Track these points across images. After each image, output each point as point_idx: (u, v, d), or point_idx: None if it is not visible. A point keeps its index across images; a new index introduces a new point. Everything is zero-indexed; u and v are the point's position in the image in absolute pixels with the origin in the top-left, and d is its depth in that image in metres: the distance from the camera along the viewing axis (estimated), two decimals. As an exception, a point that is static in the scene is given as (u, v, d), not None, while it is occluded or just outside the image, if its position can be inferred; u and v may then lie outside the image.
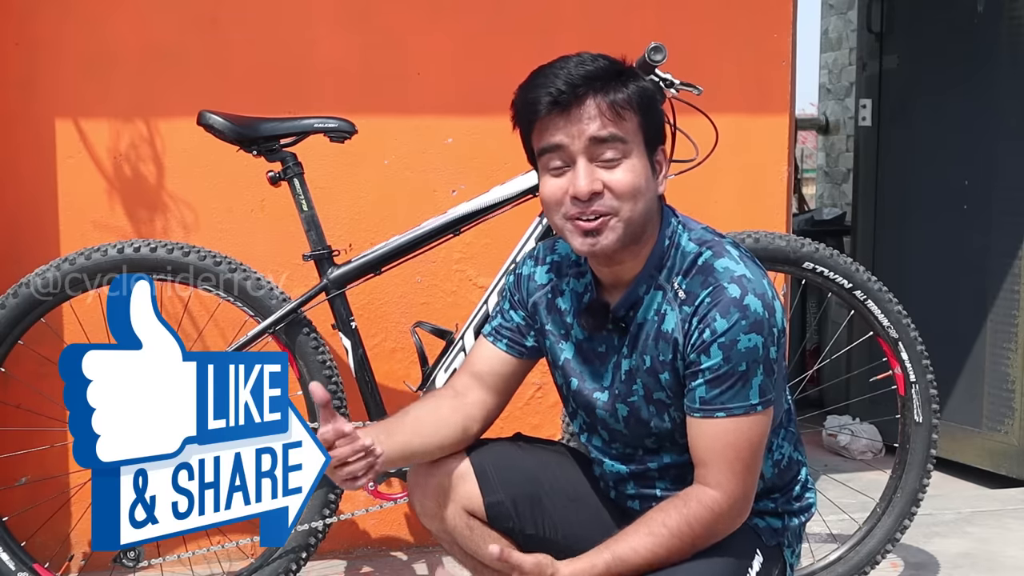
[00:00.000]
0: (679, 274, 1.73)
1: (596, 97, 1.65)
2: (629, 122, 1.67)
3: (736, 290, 1.66)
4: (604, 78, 1.66)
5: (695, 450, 1.71)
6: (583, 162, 1.66)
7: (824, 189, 5.68)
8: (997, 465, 3.77)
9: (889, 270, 4.01)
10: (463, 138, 2.97)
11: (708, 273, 1.70)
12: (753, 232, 2.56)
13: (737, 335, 1.65)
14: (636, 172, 1.67)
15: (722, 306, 1.66)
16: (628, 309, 1.76)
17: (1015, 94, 3.70)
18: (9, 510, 2.56)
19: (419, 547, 3.03)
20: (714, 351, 1.66)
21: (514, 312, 1.91)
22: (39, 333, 2.51)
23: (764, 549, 1.81)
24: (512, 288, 1.93)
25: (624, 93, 1.67)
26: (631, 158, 1.67)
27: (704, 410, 1.68)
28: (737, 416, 1.67)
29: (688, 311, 1.69)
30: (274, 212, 2.86)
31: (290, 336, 2.45)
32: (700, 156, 2.33)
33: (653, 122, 1.72)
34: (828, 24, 5.53)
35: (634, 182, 1.66)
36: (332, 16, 2.92)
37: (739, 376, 1.66)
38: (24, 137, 2.79)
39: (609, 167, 1.66)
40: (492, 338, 1.92)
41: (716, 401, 1.67)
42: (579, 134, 1.65)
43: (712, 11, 3.11)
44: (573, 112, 1.65)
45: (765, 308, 1.67)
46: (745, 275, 1.69)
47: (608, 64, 1.69)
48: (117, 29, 2.81)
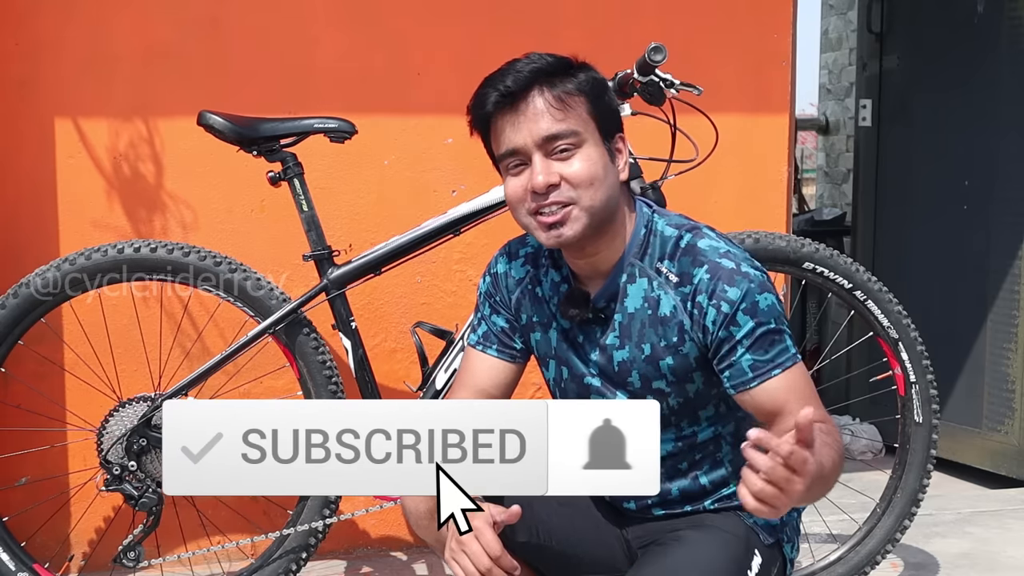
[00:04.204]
0: (664, 258, 1.73)
1: (543, 90, 1.67)
2: (578, 111, 1.68)
3: (729, 263, 1.68)
4: (549, 71, 1.68)
5: (769, 412, 1.67)
6: (538, 157, 1.67)
7: (824, 189, 5.68)
8: (997, 465, 3.77)
9: (889, 270, 4.01)
10: (463, 138, 2.91)
11: (695, 253, 1.71)
12: (753, 232, 2.56)
13: (755, 296, 1.66)
14: (592, 160, 1.68)
15: (726, 277, 1.67)
16: (609, 299, 1.77)
17: (1015, 94, 3.70)
18: (9, 510, 2.55)
19: (419, 547, 3.03)
20: (741, 318, 1.66)
21: (497, 316, 1.90)
22: (39, 333, 2.51)
23: (762, 549, 1.80)
24: (490, 290, 1.91)
25: (572, 83, 1.68)
26: (585, 147, 1.68)
27: (759, 375, 1.67)
28: (789, 368, 1.67)
29: (687, 291, 1.69)
30: (274, 212, 2.86)
31: (290, 336, 2.45)
32: (700, 156, 2.33)
33: (605, 109, 1.72)
34: (828, 24, 5.52)
35: (590, 170, 1.67)
36: (332, 16, 2.92)
37: (774, 332, 1.67)
38: (24, 137, 2.79)
39: (564, 159, 1.67)
40: (481, 347, 1.90)
41: (768, 362, 1.66)
42: (530, 132, 1.67)
43: (712, 11, 3.11)
44: (521, 107, 1.67)
45: (759, 271, 1.70)
46: (730, 250, 1.71)
47: (555, 60, 1.71)
48: (117, 29, 2.81)
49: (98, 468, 2.43)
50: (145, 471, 2.39)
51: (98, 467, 2.43)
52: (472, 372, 1.91)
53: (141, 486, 2.39)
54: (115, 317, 2.76)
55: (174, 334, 2.79)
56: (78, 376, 2.71)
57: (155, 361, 2.70)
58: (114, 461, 2.38)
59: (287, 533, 2.48)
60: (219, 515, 2.82)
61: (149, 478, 2.39)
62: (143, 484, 2.39)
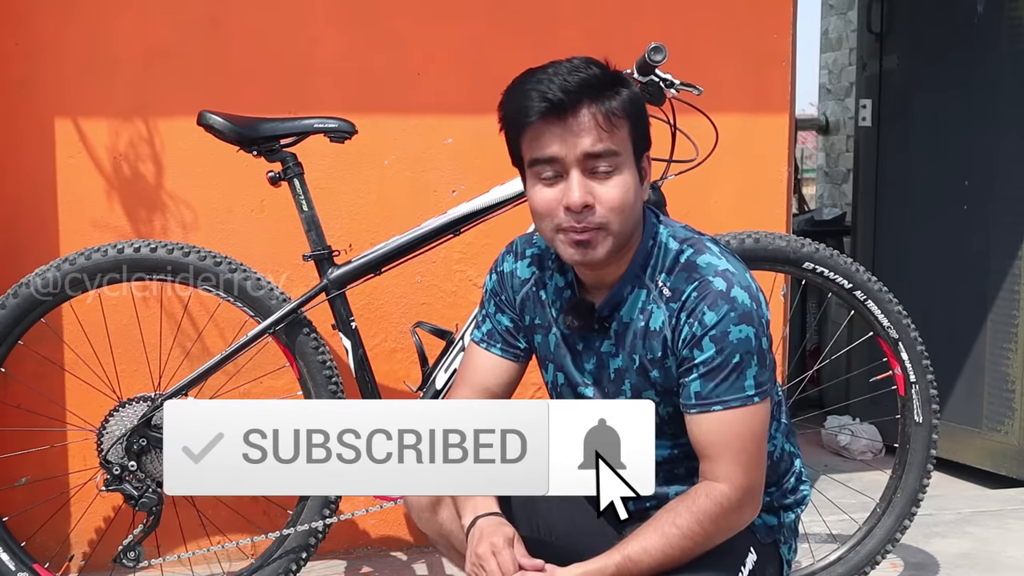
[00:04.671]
0: (663, 272, 1.73)
1: (591, 106, 1.64)
2: (621, 131, 1.66)
3: (722, 283, 1.67)
4: (598, 86, 1.65)
5: (698, 446, 1.70)
6: (576, 173, 1.65)
7: (824, 189, 5.68)
8: (997, 465, 3.77)
9: (889, 270, 4.01)
10: (463, 138, 2.97)
11: (692, 269, 1.71)
12: (753, 232, 2.56)
13: (728, 327, 1.65)
14: (627, 187, 1.67)
15: (710, 299, 1.66)
16: (612, 309, 1.77)
17: (1015, 94, 3.70)
18: (9, 510, 2.55)
19: (419, 547, 3.03)
20: (706, 344, 1.66)
21: (502, 315, 1.90)
22: (39, 333, 2.51)
23: (758, 547, 1.80)
24: (496, 288, 1.91)
25: (617, 101, 1.66)
26: (623, 172, 1.66)
27: (701, 405, 1.68)
28: (734, 408, 1.67)
29: (675, 307, 1.70)
30: (274, 212, 2.86)
31: (290, 336, 2.45)
32: (700, 156, 2.33)
33: (642, 129, 1.72)
34: (828, 24, 5.52)
35: (624, 197, 1.66)
36: (332, 16, 2.92)
37: (733, 368, 1.66)
38: (24, 137, 2.79)
39: (602, 180, 1.65)
40: (485, 345, 1.90)
41: (712, 395, 1.67)
42: (573, 146, 1.64)
43: (712, 11, 3.11)
44: (568, 121, 1.64)
45: (752, 299, 1.68)
46: (728, 269, 1.70)
47: (601, 72, 1.68)
48: (118, 29, 2.81)
49: (98, 468, 2.43)
50: (145, 471, 2.39)
51: (98, 467, 2.43)
52: (475, 369, 1.91)
53: (141, 486, 2.39)
54: (115, 317, 2.76)
55: (174, 334, 2.79)
56: (78, 376, 2.71)
57: (155, 361, 2.70)
58: (114, 461, 2.38)
59: (287, 533, 2.48)
60: (219, 515, 2.82)
61: (149, 478, 2.39)
62: (143, 484, 2.39)
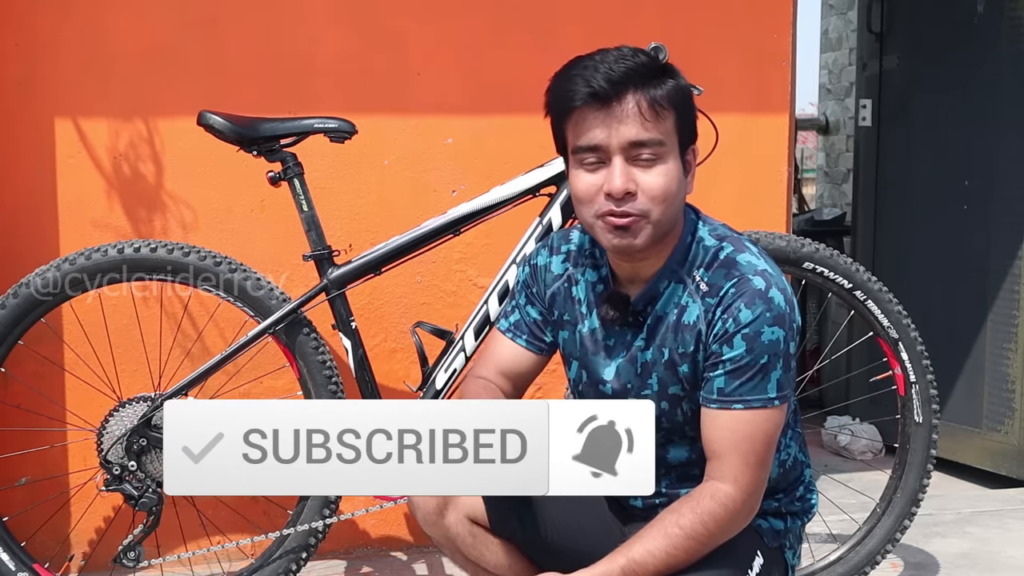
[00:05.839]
0: (700, 267, 1.73)
1: (636, 94, 1.63)
2: (666, 121, 1.65)
3: (761, 282, 1.67)
4: (644, 74, 1.65)
5: (709, 442, 1.70)
6: (619, 160, 1.64)
7: (824, 189, 5.68)
8: (997, 465, 3.77)
9: (889, 270, 4.01)
10: (463, 138, 2.97)
11: (731, 266, 1.70)
12: (753, 232, 2.56)
13: (761, 327, 1.65)
14: (670, 176, 1.66)
15: (747, 297, 1.66)
16: (647, 303, 1.76)
17: (1015, 94, 3.70)
18: (9, 510, 2.55)
19: (419, 547, 3.03)
20: (737, 342, 1.66)
21: (531, 307, 1.90)
22: (39, 333, 2.51)
23: (765, 550, 1.80)
24: (528, 280, 1.91)
25: (663, 90, 1.65)
26: (667, 161, 1.66)
27: (722, 401, 1.67)
28: (755, 409, 1.66)
29: (712, 302, 1.69)
30: (274, 212, 2.86)
31: (290, 336, 2.45)
32: (700, 156, 2.33)
33: (688, 121, 1.71)
34: (828, 24, 5.53)
35: (667, 186, 1.65)
36: (332, 16, 2.92)
37: (760, 368, 1.65)
38: (24, 137, 2.79)
39: (645, 168, 1.65)
40: (511, 334, 1.91)
41: (735, 393, 1.66)
42: (617, 133, 1.63)
43: (712, 11, 3.11)
44: (613, 108, 1.63)
45: (787, 303, 1.68)
46: (767, 270, 1.70)
47: (648, 60, 1.67)
48: (117, 29, 2.81)
49: (98, 468, 2.43)
50: (145, 471, 2.39)
51: (98, 467, 2.43)
52: (497, 353, 1.92)
53: (141, 486, 2.39)
54: (115, 317, 2.76)
55: (174, 334, 2.79)
56: (78, 376, 2.71)
57: (155, 361, 2.70)
58: (114, 461, 2.38)
59: (287, 533, 2.48)
60: (219, 515, 2.82)
61: (149, 478, 2.39)
62: (143, 484, 2.39)
